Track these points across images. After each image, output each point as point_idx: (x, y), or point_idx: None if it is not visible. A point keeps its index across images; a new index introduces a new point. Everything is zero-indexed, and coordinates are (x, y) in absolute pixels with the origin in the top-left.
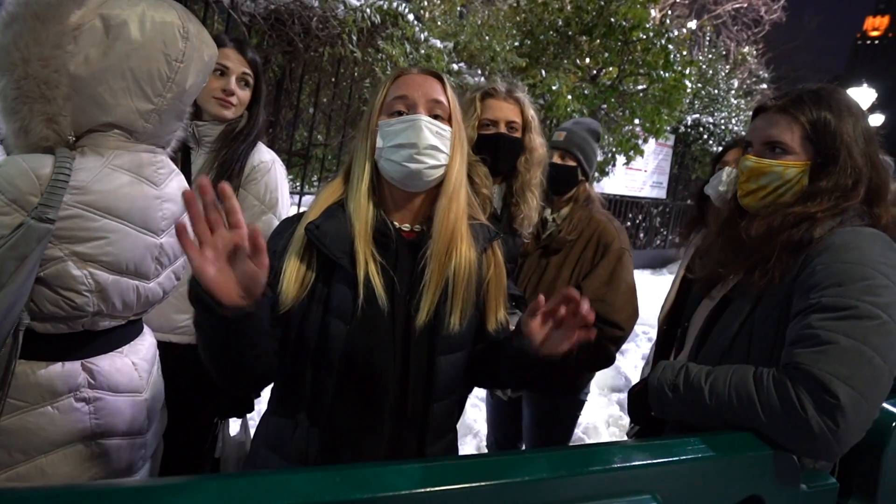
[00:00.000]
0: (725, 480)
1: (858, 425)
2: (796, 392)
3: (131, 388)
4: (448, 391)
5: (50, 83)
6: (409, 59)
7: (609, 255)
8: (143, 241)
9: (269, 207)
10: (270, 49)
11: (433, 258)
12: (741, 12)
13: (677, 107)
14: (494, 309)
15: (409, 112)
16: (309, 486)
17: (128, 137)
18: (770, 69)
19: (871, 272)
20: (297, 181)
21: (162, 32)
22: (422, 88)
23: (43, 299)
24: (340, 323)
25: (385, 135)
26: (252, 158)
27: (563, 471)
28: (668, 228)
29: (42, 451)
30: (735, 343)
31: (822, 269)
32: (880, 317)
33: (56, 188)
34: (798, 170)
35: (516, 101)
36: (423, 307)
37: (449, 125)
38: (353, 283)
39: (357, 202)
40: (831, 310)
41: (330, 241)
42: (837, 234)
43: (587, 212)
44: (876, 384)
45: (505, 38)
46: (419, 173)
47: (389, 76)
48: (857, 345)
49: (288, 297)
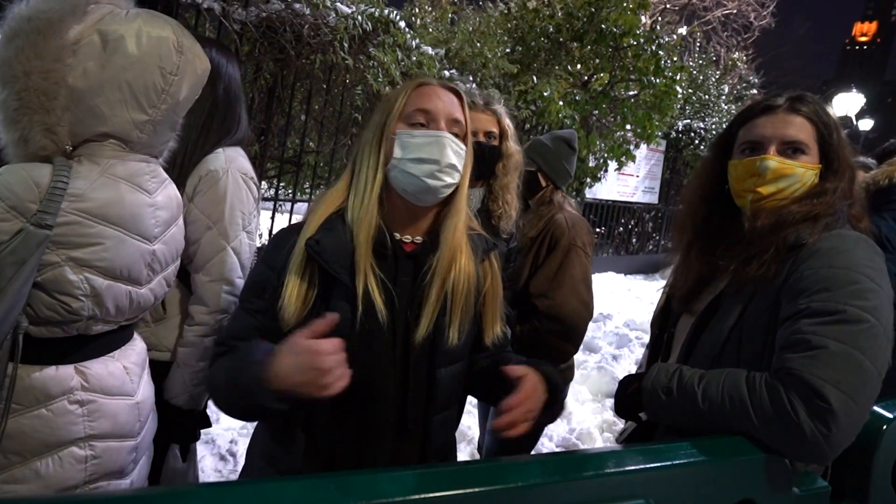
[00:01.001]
0: (718, 485)
1: (849, 429)
2: (788, 397)
3: (123, 392)
4: (447, 403)
5: (50, 95)
6: (401, 66)
7: (557, 250)
8: (136, 248)
9: (213, 222)
10: (262, 57)
11: (437, 272)
12: (731, 18)
13: (668, 112)
14: (491, 322)
15: (430, 126)
16: (303, 495)
17: (123, 147)
18: (760, 74)
19: (858, 276)
20: (289, 188)
21: (158, 47)
22: (444, 104)
23: (40, 304)
24: (338, 337)
25: (405, 145)
26: (200, 168)
27: (557, 476)
28: (661, 233)
29: (37, 453)
30: (725, 349)
31: (811, 274)
32: (868, 320)
33: (54, 195)
34: (814, 172)
35: (493, 112)
36: (423, 320)
37: (465, 144)
38: (351, 297)
39: (365, 211)
40: (820, 315)
41: (330, 256)
42: (824, 239)
43: (548, 212)
44: (865, 387)
45: (496, 44)
46: (436, 190)
47: (409, 84)
48: (847, 349)
49: (291, 315)
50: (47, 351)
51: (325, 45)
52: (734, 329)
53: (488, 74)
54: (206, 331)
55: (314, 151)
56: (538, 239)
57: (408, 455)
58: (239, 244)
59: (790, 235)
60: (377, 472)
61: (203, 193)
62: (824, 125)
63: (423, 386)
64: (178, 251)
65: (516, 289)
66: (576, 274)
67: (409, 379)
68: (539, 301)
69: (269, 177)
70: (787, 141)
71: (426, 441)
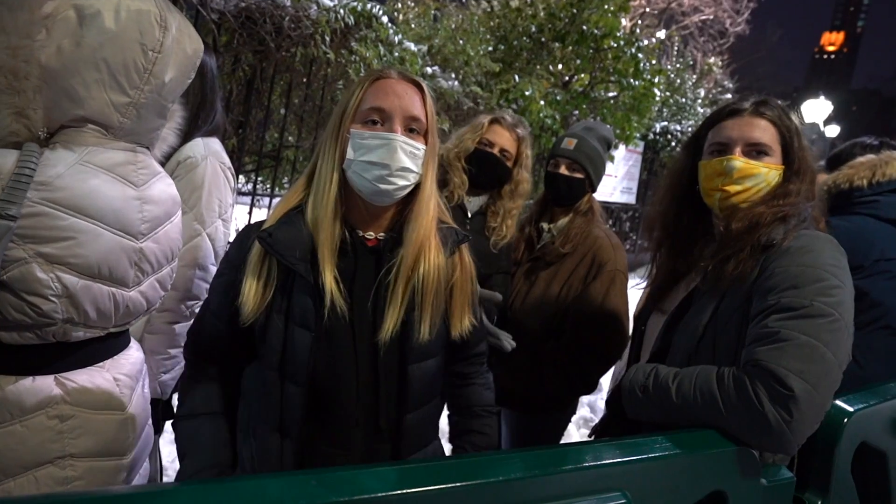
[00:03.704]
0: (691, 476)
1: (811, 416)
2: (753, 387)
3: (111, 406)
4: (422, 400)
5: (18, 74)
6: (383, 62)
7: (602, 275)
8: (118, 244)
9: (189, 207)
10: (241, 48)
11: (401, 268)
12: (707, 24)
13: (646, 114)
14: (459, 315)
15: (384, 125)
16: (284, 491)
17: (104, 134)
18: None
19: (824, 274)
20: (268, 183)
21: (138, 21)
22: (400, 101)
23: (7, 305)
24: (304, 331)
25: (357, 146)
26: (179, 154)
27: (537, 470)
28: (637, 233)
29: (11, 473)
30: (700, 346)
31: (780, 272)
32: (832, 314)
33: (19, 183)
34: (778, 172)
35: (517, 135)
36: (389, 317)
37: (424, 141)
38: (311, 290)
39: (323, 210)
40: (788, 310)
41: (283, 248)
42: (794, 239)
43: (585, 225)
44: (827, 377)
45: (479, 42)
46: (388, 192)
47: (366, 77)
48: (811, 341)
49: (248, 309)
50: (22, 359)
51: (307, 38)
52: (708, 326)
53: (471, 72)
54: (174, 317)
55: (293, 146)
56: (573, 256)
57: (381, 456)
58: (214, 231)
59: (763, 236)
60: (358, 468)
61: (180, 178)
62: (787, 129)
63: (395, 384)
64: (173, 251)
65: (539, 303)
66: (621, 306)
67: (380, 377)
68: (583, 330)
69: (247, 171)
70: (752, 143)
71: (399, 440)
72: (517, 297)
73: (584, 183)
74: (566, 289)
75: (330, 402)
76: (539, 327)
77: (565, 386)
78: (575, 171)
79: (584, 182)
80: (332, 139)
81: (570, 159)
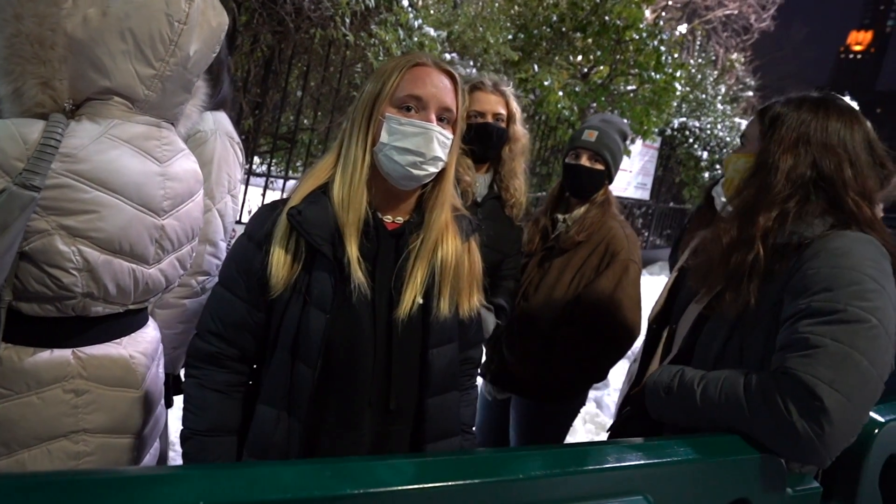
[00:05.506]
0: (714, 483)
1: (845, 429)
2: (781, 396)
3: (125, 384)
4: (443, 387)
5: (44, 43)
6: (402, 46)
7: (615, 264)
8: (140, 220)
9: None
10: (260, 28)
11: (421, 251)
12: (731, 19)
13: (666, 109)
14: (468, 295)
15: (419, 113)
16: (298, 480)
17: (129, 107)
18: (757, 77)
19: (861, 276)
20: (282, 166)
21: None
22: (436, 92)
23: (28, 276)
24: (320, 312)
25: (392, 131)
26: (187, 128)
27: (558, 469)
28: (650, 230)
29: (25, 444)
30: (726, 349)
31: (813, 274)
32: (869, 320)
33: (44, 154)
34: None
35: (502, 94)
36: (407, 298)
37: (453, 132)
38: (333, 270)
39: (354, 193)
40: (820, 314)
41: (311, 227)
42: (829, 239)
43: (601, 215)
44: (863, 388)
45: (499, 30)
46: (418, 178)
47: (403, 63)
48: (844, 348)
49: (279, 281)
50: (41, 332)
51: (326, 19)
52: (735, 328)
53: (489, 60)
54: (187, 293)
55: (309, 129)
56: (586, 245)
57: (397, 438)
58: (224, 206)
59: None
60: (376, 459)
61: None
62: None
63: (415, 367)
64: (194, 230)
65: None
66: (634, 294)
67: (393, 358)
68: (596, 318)
69: (262, 153)
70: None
71: (421, 424)
72: (530, 286)
73: (604, 174)
74: (578, 276)
75: (344, 382)
76: (551, 315)
77: (576, 371)
78: (596, 162)
79: (603, 174)
80: (364, 121)
81: (593, 151)
